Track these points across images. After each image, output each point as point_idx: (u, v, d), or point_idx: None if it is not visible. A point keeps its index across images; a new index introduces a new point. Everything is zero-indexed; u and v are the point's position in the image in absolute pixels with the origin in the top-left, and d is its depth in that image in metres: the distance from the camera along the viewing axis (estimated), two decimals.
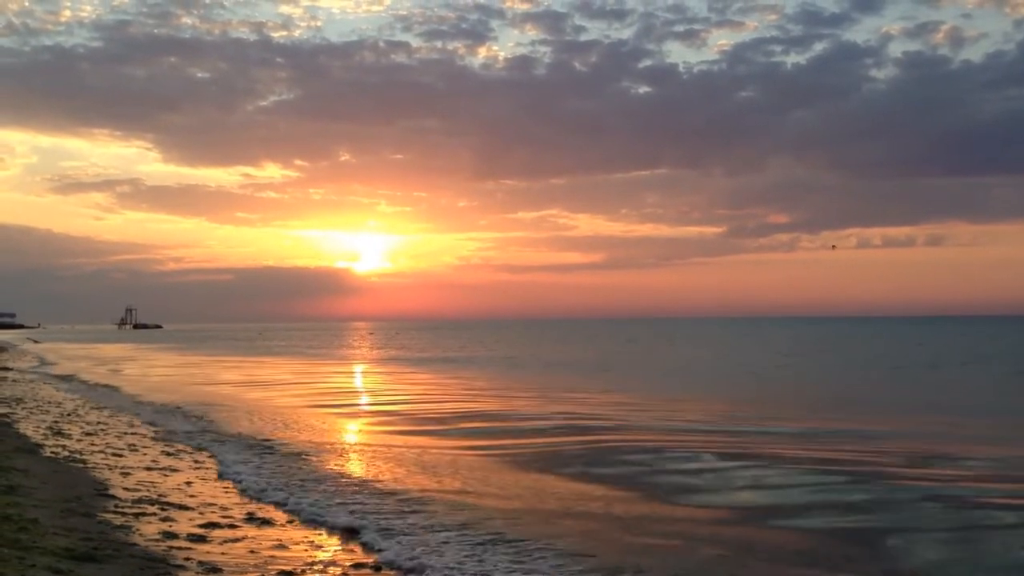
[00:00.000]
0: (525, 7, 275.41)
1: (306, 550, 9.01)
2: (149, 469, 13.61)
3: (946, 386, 32.29)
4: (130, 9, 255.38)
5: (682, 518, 10.72)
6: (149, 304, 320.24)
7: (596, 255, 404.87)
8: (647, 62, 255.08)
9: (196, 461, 14.71)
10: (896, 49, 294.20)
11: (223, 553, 8.63)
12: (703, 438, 17.49)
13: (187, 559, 8.27)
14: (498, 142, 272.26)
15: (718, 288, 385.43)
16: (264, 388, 31.38)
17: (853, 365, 46.08)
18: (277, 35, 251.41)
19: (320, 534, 9.77)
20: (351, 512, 10.60)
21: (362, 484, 12.57)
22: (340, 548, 9.18)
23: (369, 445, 16.64)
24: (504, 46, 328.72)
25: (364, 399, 28.24)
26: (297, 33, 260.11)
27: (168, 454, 15.41)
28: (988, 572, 8.67)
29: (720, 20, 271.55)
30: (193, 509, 10.68)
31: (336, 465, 14.30)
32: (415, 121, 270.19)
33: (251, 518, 10.32)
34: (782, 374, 38.84)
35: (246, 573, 8.02)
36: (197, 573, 7.89)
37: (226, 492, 12.03)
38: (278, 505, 11.18)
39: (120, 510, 10.25)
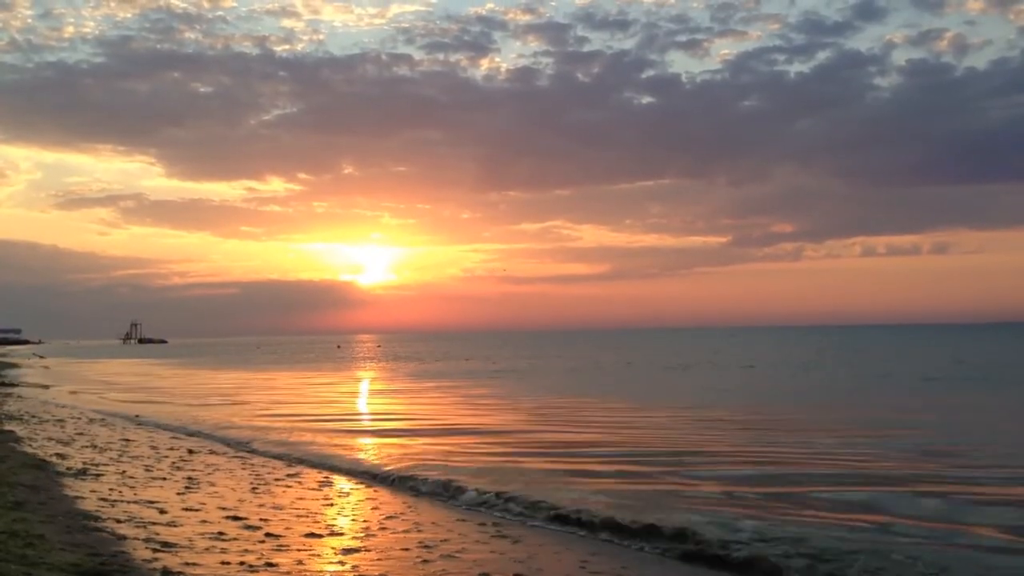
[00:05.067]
0: (527, 18, 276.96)
1: None
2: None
3: None
4: (133, 25, 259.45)
5: None
6: (154, 319, 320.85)
7: (600, 266, 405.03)
8: (650, 72, 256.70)
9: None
10: (900, 57, 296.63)
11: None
12: None
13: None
14: (501, 153, 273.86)
15: (723, 298, 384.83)
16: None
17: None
18: (280, 49, 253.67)
19: None
20: None
21: None
22: None
23: None
24: (506, 57, 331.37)
25: None
26: (300, 47, 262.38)
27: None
28: None
29: (723, 30, 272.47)
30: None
31: None
32: (418, 133, 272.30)
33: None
34: None
35: None
36: None
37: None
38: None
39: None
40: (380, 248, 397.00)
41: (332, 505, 12.27)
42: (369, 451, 17.86)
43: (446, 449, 17.70)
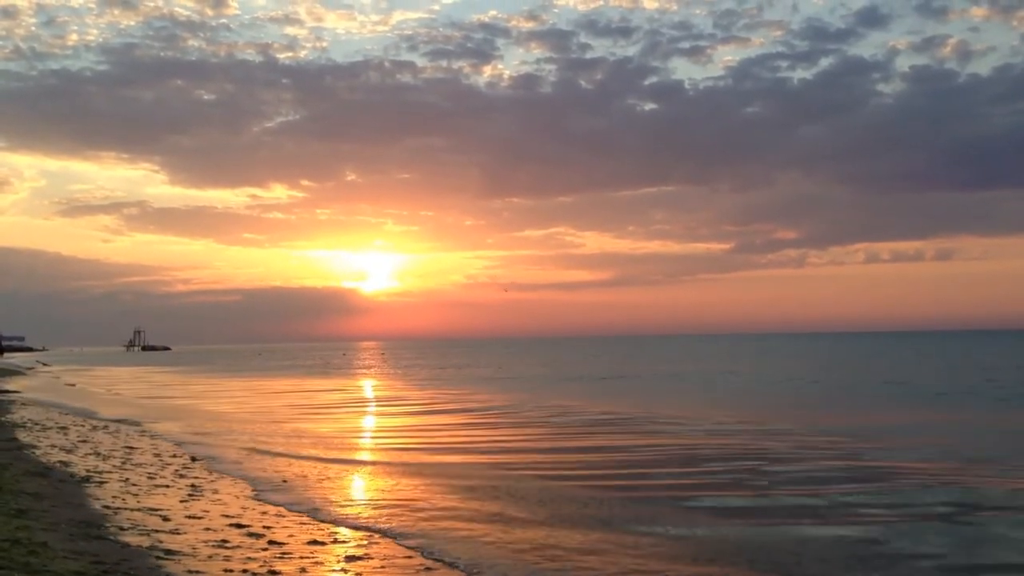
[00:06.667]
0: (530, 25, 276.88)
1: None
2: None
3: None
4: (136, 32, 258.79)
5: None
6: (157, 326, 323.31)
7: (604, 272, 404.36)
8: (653, 79, 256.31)
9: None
10: (903, 63, 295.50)
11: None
12: None
13: None
14: (504, 160, 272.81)
15: (727, 305, 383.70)
16: None
17: None
18: (283, 56, 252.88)
19: None
20: None
21: None
22: None
23: None
24: (509, 64, 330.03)
25: None
26: (303, 54, 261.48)
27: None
28: None
29: (726, 36, 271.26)
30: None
31: None
32: (421, 140, 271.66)
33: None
34: None
35: None
36: None
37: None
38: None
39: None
40: (383, 255, 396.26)
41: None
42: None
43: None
